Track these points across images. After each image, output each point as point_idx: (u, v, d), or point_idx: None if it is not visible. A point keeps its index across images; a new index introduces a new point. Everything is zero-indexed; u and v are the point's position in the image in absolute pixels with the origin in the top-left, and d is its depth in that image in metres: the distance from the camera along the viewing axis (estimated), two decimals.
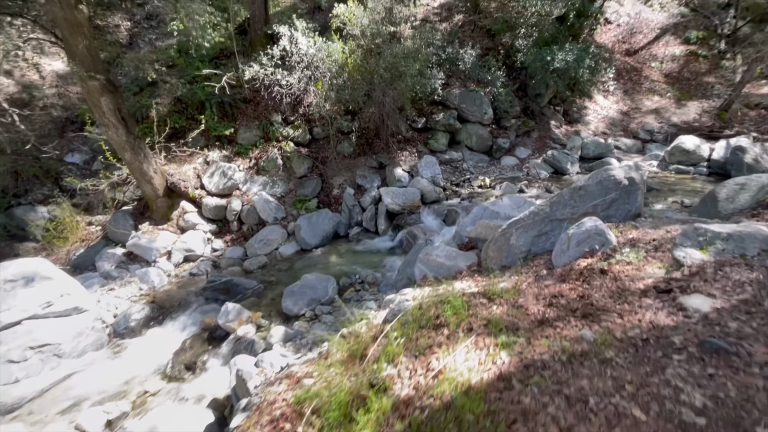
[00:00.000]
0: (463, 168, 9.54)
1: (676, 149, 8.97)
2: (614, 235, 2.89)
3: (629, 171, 3.24)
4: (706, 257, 1.95)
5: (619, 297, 1.78)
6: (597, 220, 2.91)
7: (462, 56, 9.49)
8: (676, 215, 3.34)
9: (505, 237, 3.55)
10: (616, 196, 3.18)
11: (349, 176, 9.05)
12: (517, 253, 3.49)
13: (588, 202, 3.23)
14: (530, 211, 3.47)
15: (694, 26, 15.54)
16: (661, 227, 2.97)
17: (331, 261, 6.94)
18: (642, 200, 3.28)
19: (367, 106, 8.58)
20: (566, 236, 3.02)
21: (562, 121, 11.32)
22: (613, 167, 3.30)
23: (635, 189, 3.19)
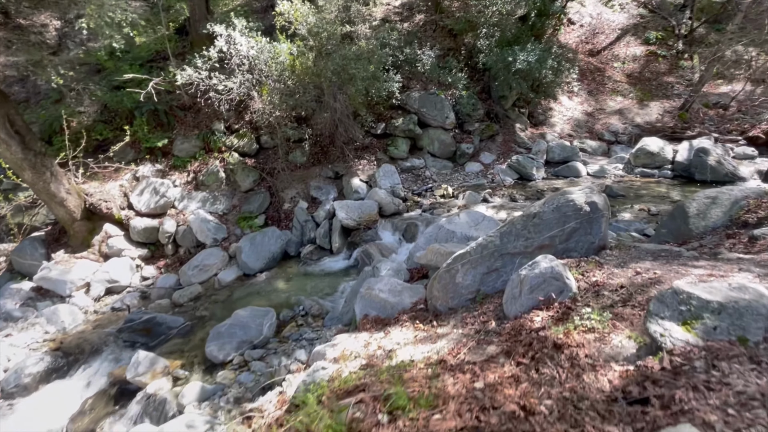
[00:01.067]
0: (426, 176, 8.98)
1: (641, 151, 8.74)
2: (574, 278, 2.34)
3: (590, 195, 2.71)
4: (692, 338, 1.39)
5: (575, 412, 1.19)
6: (553, 260, 2.35)
7: (420, 57, 8.94)
8: (645, 245, 2.85)
9: (450, 274, 2.94)
10: (576, 225, 2.64)
11: (302, 188, 8.31)
12: (465, 294, 2.90)
13: (544, 232, 2.68)
14: (478, 243, 2.89)
15: (653, 27, 15.68)
16: (630, 265, 2.45)
17: (276, 287, 6.19)
18: (606, 229, 2.76)
19: (318, 111, 7.88)
20: (518, 278, 2.44)
21: (527, 123, 10.98)
22: (572, 191, 2.76)
23: (598, 216, 2.66)
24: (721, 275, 2.02)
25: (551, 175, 8.97)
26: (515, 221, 2.82)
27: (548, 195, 2.93)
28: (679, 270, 2.26)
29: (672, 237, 4.08)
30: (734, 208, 3.58)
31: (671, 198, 6.94)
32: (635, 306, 1.93)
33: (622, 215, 6.30)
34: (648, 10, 16.33)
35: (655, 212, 6.23)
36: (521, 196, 7.66)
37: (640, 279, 2.20)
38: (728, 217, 3.56)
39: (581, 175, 8.75)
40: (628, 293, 2.06)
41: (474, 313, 2.71)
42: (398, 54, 8.97)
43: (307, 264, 6.97)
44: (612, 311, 1.92)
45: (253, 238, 6.71)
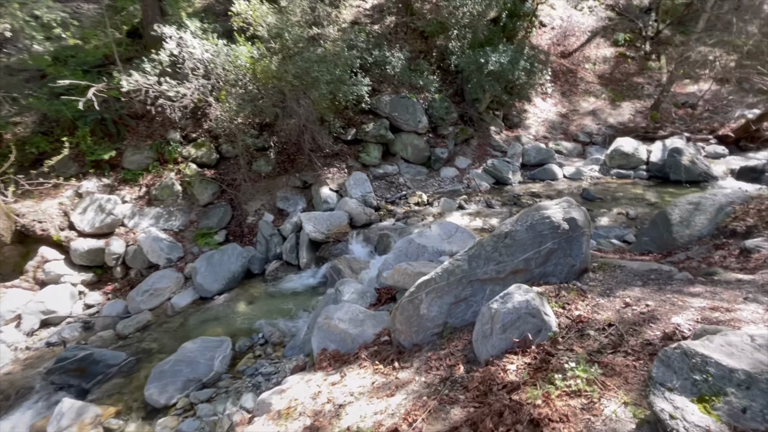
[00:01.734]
0: (400, 183, 8.60)
1: (616, 152, 8.63)
2: (554, 313, 1.96)
3: (568, 210, 2.36)
4: (715, 425, 1.01)
5: None
6: (528, 291, 1.97)
7: (389, 60, 8.58)
8: (632, 264, 2.53)
9: (413, 305, 2.53)
10: (553, 246, 2.28)
11: (267, 200, 7.78)
12: (430, 327, 2.49)
13: (517, 255, 2.31)
14: (443, 269, 2.49)
15: (620, 29, 15.88)
16: (617, 292, 2.11)
17: (236, 311, 5.64)
18: (588, 249, 2.42)
19: (282, 117, 7.39)
20: (488, 312, 2.05)
21: (502, 126, 10.77)
22: (548, 206, 2.41)
23: (578, 235, 2.31)
24: (726, 308, 1.70)
25: (528, 179, 8.74)
26: (485, 243, 2.43)
27: (522, 211, 2.56)
28: (674, 300, 1.92)
29: (655, 246, 3.81)
30: (720, 215, 3.32)
31: (648, 200, 6.78)
32: (628, 353, 1.56)
33: (600, 220, 6.07)
34: (615, 12, 16.56)
35: (634, 216, 6.03)
36: (497, 202, 7.38)
37: (631, 313, 1.85)
38: (714, 225, 3.29)
39: (557, 177, 8.56)
40: (618, 334, 1.70)
41: (440, 353, 2.30)
42: (367, 56, 8.59)
43: (273, 282, 6.44)
44: (600, 362, 1.55)
45: (211, 257, 6.14)
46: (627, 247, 4.64)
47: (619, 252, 4.22)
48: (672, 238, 3.48)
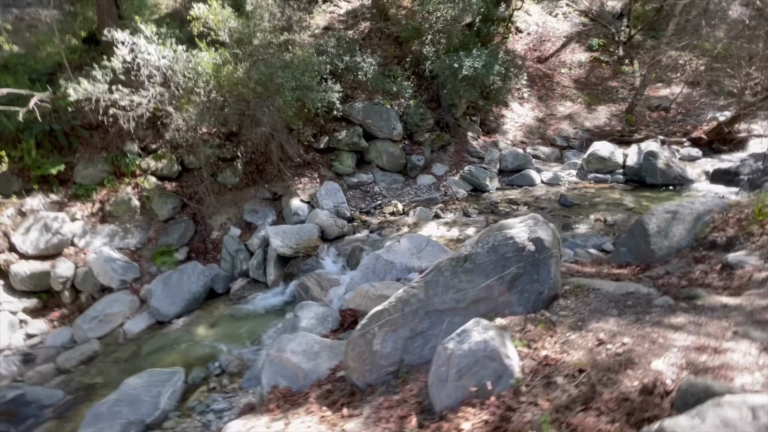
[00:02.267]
0: (375, 192, 8.30)
1: (593, 156, 8.55)
2: (517, 354, 1.68)
3: (534, 228, 2.09)
4: None
5: None
6: (488, 330, 1.68)
7: (361, 65, 8.31)
8: (607, 286, 2.27)
9: (365, 339, 2.21)
10: (518, 270, 2.01)
11: (234, 213, 7.37)
12: (385, 365, 2.17)
13: (479, 281, 2.02)
14: (398, 298, 2.18)
15: (594, 34, 16.08)
16: (590, 324, 1.85)
17: (194, 336, 5.21)
18: (558, 272, 2.15)
19: (248, 126, 7.01)
20: (444, 353, 1.75)
21: (479, 132, 10.63)
22: (511, 224, 2.14)
23: (546, 257, 2.04)
24: (714, 348, 1.44)
25: (505, 185, 8.57)
26: (443, 267, 2.14)
27: (483, 231, 2.27)
28: (654, 336, 1.67)
29: (633, 257, 3.60)
30: (698, 224, 3.12)
31: (625, 205, 6.66)
32: (602, 412, 1.28)
33: (578, 227, 5.89)
34: (589, 18, 16.80)
35: (611, 222, 5.87)
36: (474, 210, 7.14)
37: (605, 354, 1.58)
38: (693, 235, 3.08)
39: (535, 183, 8.41)
40: (590, 384, 1.42)
41: (394, 398, 1.98)
42: (338, 62, 8.31)
43: (238, 302, 6.03)
44: (569, 423, 1.26)
45: (168, 277, 5.69)
46: (605, 257, 4.43)
47: (596, 263, 4.00)
48: (650, 250, 3.26)
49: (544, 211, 6.68)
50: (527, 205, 7.09)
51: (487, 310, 2.02)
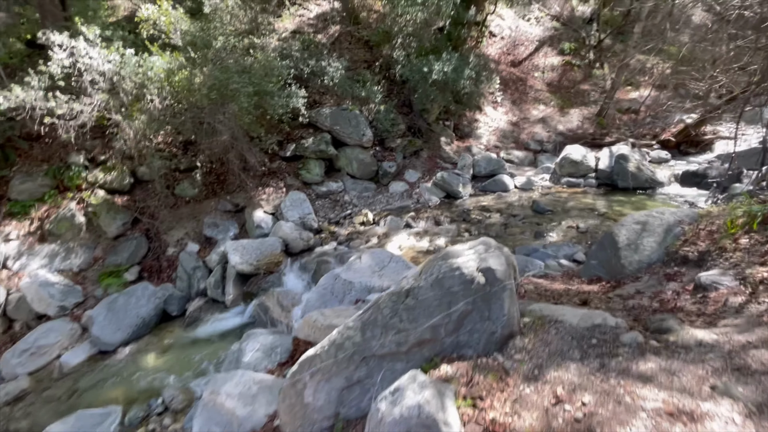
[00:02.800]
0: (345, 201, 7.97)
1: (565, 161, 8.46)
2: (459, 418, 1.38)
3: (485, 257, 1.81)
4: None
5: None
6: (424, 389, 1.38)
7: (326, 70, 7.99)
8: (571, 319, 2.02)
9: (296, 390, 1.88)
10: (467, 307, 1.73)
11: (193, 227, 6.90)
12: (318, 420, 1.84)
13: (422, 321, 1.73)
14: (331, 341, 1.86)
15: (566, 38, 16.27)
16: (548, 373, 1.58)
17: (141, 367, 4.74)
18: (513, 306, 1.87)
19: (205, 135, 6.58)
20: (377, 415, 1.44)
21: (453, 136, 10.46)
22: (459, 252, 1.86)
23: (498, 290, 1.76)
24: (690, 413, 1.19)
25: (479, 191, 8.38)
26: (382, 303, 1.83)
27: (428, 260, 1.98)
28: (620, 393, 1.41)
29: (604, 270, 3.39)
30: (669, 237, 2.92)
31: (598, 210, 6.55)
32: None
33: (550, 235, 5.71)
34: (560, 23, 17.01)
35: (584, 229, 5.72)
36: (446, 218, 6.90)
37: (562, 419, 1.31)
38: (663, 249, 2.88)
39: (509, 188, 8.26)
40: None
41: None
42: (303, 66, 7.96)
43: (193, 325, 5.58)
44: None
45: (113, 302, 5.19)
46: (576, 269, 4.23)
47: (567, 277, 3.78)
48: (620, 264, 3.05)
49: (517, 218, 6.50)
50: (500, 212, 6.90)
51: (433, 353, 1.73)
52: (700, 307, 2.04)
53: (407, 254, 5.71)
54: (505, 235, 5.93)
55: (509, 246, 5.60)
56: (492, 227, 6.28)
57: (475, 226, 6.45)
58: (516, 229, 6.04)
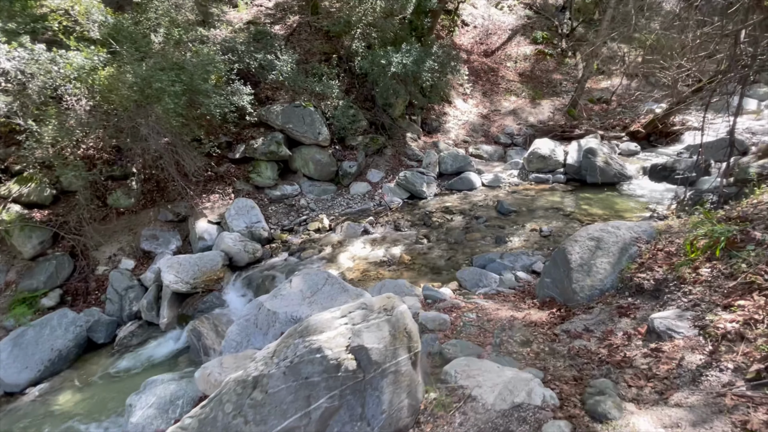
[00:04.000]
0: (301, 205, 7.42)
1: (533, 156, 8.11)
2: None
3: (360, 329, 1.32)
4: None
5: None
6: None
7: (275, 63, 7.34)
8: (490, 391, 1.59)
9: None
10: (332, 402, 1.25)
11: (128, 241, 6.25)
12: None
13: (273, 422, 1.24)
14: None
15: (539, 27, 15.95)
16: None
17: (51, 410, 4.15)
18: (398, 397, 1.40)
19: (135, 139, 5.91)
20: None
21: (420, 132, 9.98)
22: (324, 323, 1.38)
23: (377, 376, 1.27)
24: None
25: (444, 190, 7.95)
26: (225, 395, 1.33)
27: (282, 337, 1.50)
28: None
29: (557, 291, 2.99)
30: (624, 258, 2.53)
31: (564, 210, 6.20)
32: None
33: (511, 240, 5.32)
34: (533, 11, 16.66)
35: (547, 232, 5.35)
36: (407, 223, 6.45)
37: None
38: (618, 272, 2.49)
39: (475, 186, 7.86)
40: None
41: None
42: (250, 60, 7.30)
43: (124, 353, 5.00)
44: None
45: (21, 336, 4.56)
46: (533, 283, 3.84)
47: (518, 297, 3.38)
48: (572, 289, 2.65)
49: (480, 220, 6.10)
50: (463, 213, 6.48)
51: None
52: (651, 365, 1.64)
53: (359, 267, 5.25)
54: (465, 240, 5.52)
55: (467, 254, 5.21)
56: (452, 232, 5.86)
57: (435, 231, 6.02)
58: (477, 234, 5.64)
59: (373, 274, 4.92)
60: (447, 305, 3.07)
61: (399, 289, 3.89)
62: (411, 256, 5.27)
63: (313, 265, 5.62)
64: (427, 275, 4.68)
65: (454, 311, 2.94)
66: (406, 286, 3.94)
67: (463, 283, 4.16)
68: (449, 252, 5.28)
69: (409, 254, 5.35)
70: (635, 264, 2.39)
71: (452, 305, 3.05)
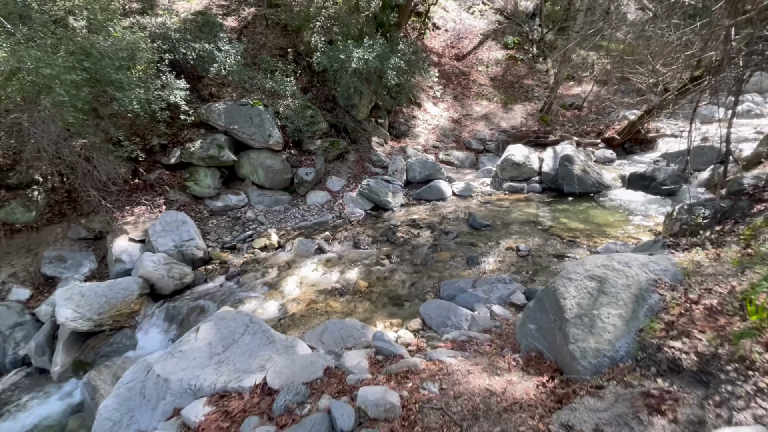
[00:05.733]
0: (248, 218, 6.46)
1: (507, 163, 7.51)
2: None
3: None
4: None
5: None
6: None
7: (216, 55, 6.37)
8: None
9: None
10: None
11: (25, 265, 5.09)
12: None
13: None
14: None
15: (510, 32, 15.72)
16: None
17: None
18: None
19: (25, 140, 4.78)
20: None
21: (387, 136, 9.24)
22: None
23: None
24: None
25: (412, 199, 7.20)
26: None
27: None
28: None
29: (545, 343, 2.27)
30: (641, 311, 1.81)
31: (542, 224, 5.57)
32: None
33: (485, 262, 4.60)
34: (504, 16, 16.43)
35: (525, 251, 4.67)
36: (368, 238, 5.63)
37: None
38: (635, 332, 1.76)
39: (446, 196, 7.15)
40: None
41: None
42: (186, 51, 6.30)
43: (2, 413, 3.87)
44: None
45: None
46: (512, 320, 3.10)
47: (496, 348, 2.62)
48: (569, 351, 1.90)
49: (449, 236, 5.36)
50: (431, 228, 5.73)
51: None
52: None
53: (306, 296, 4.36)
54: (433, 261, 4.76)
55: (434, 279, 4.45)
56: (418, 250, 5.08)
57: (399, 248, 5.23)
58: (446, 253, 4.89)
59: (321, 306, 4.05)
60: (402, 368, 2.26)
61: (346, 333, 3.05)
62: (369, 282, 4.44)
63: (254, 291, 4.69)
64: (386, 308, 3.87)
65: (411, 378, 2.14)
66: (355, 328, 3.10)
67: (427, 321, 3.37)
68: (414, 276, 4.49)
69: (367, 279, 4.52)
70: (660, 323, 1.67)
71: (408, 368, 2.24)
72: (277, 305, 4.22)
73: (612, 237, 4.81)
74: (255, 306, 4.29)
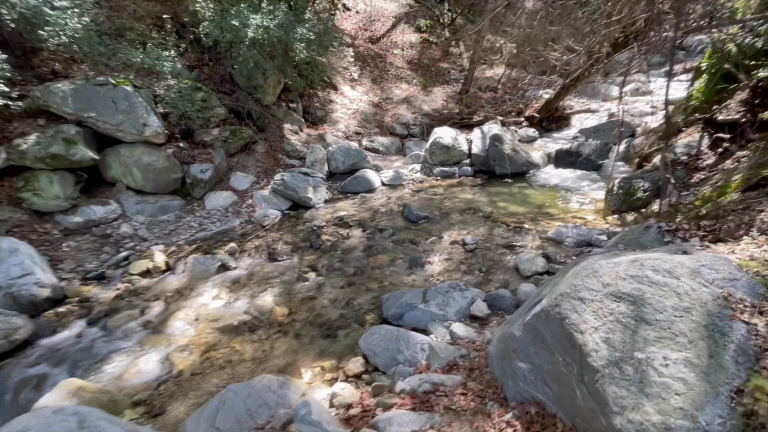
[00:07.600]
0: (123, 234, 4.90)
1: (436, 146, 6.94)
2: None
3: None
4: None
5: None
6: None
7: (53, 17, 4.61)
8: None
9: None
10: None
11: None
12: None
13: None
14: None
15: (421, 15, 15.37)
16: None
17: None
18: None
19: None
20: None
21: (301, 123, 8.09)
22: None
23: None
24: None
25: (338, 193, 6.26)
26: None
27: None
28: None
29: (552, 398, 1.66)
30: (725, 353, 1.13)
31: (481, 210, 5.06)
32: None
33: (430, 263, 3.89)
34: (414, 0, 16.01)
35: (472, 245, 4.06)
36: (287, 246, 4.56)
37: None
38: (728, 397, 1.08)
39: (375, 187, 6.34)
40: None
41: None
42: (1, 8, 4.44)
43: None
44: None
45: None
46: (481, 344, 2.38)
47: (473, 396, 1.85)
48: (611, 427, 1.16)
49: (385, 234, 4.56)
50: (362, 226, 4.87)
51: None
52: None
53: (202, 339, 3.19)
54: (369, 268, 3.90)
55: (374, 293, 3.59)
56: (350, 255, 4.18)
57: (326, 255, 4.27)
58: (384, 256, 4.07)
59: (223, 354, 2.94)
60: None
61: (255, 403, 2.04)
62: (289, 307, 3.42)
63: (127, 340, 3.37)
64: (314, 343, 2.91)
65: None
66: (270, 390, 2.11)
67: (371, 358, 2.51)
68: (347, 290, 3.59)
69: (287, 302, 3.50)
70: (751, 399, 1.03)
71: None
72: (158, 360, 2.98)
73: (558, 219, 4.45)
74: (125, 365, 3.00)
